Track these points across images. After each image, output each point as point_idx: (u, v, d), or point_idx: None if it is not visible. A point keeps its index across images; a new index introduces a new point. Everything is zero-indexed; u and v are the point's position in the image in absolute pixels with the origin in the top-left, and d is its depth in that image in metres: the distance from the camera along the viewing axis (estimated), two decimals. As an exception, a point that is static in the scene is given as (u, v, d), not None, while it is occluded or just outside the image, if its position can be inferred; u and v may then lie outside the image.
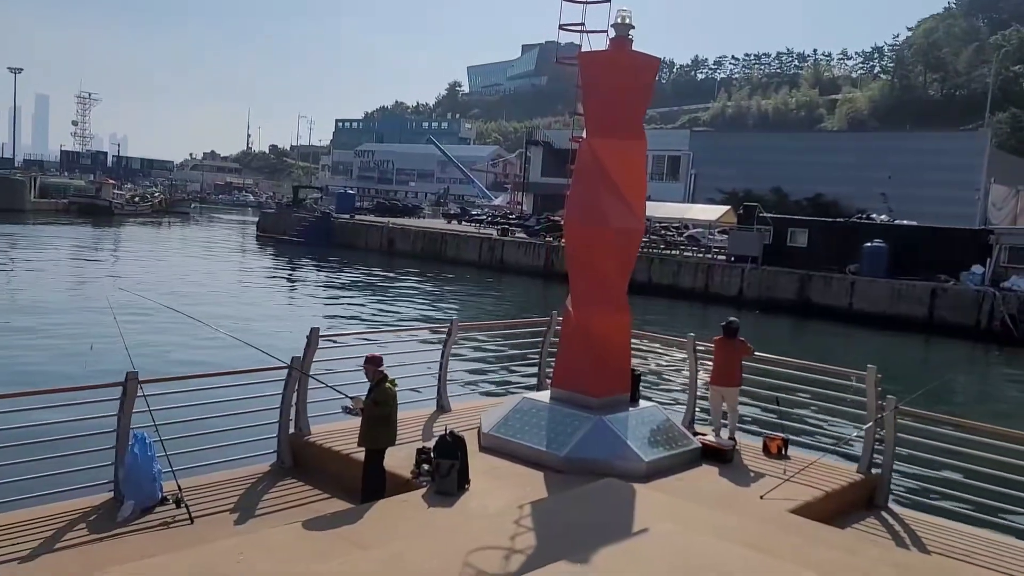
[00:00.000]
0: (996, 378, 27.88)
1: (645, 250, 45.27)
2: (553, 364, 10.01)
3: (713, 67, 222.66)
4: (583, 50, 9.17)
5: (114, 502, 7.26)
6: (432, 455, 7.78)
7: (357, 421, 8.91)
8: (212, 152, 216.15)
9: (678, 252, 45.19)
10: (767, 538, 6.75)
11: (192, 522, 7.09)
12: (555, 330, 11.02)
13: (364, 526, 6.66)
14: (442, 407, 10.54)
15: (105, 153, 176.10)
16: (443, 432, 7.99)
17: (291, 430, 8.82)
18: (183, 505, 7.18)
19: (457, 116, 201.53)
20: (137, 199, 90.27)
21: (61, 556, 6.33)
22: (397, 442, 8.57)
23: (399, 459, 8.31)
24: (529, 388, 11.70)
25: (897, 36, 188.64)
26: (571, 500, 7.36)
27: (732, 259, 40.87)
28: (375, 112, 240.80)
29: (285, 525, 6.85)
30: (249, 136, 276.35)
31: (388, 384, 7.64)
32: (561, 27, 9.37)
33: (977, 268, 34.14)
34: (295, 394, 8.76)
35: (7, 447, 6.97)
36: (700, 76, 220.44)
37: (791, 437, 9.82)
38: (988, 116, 68.55)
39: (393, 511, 7.10)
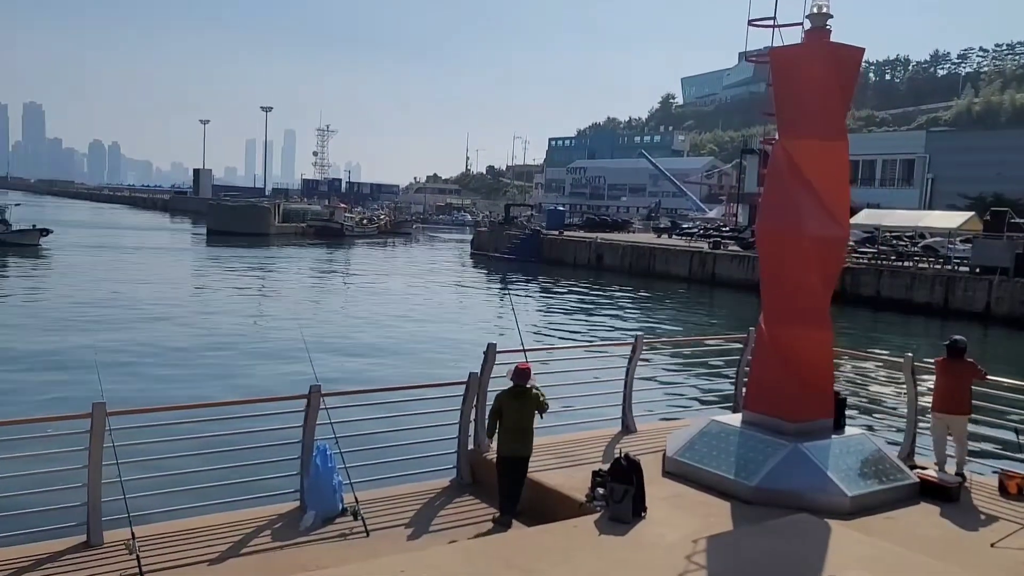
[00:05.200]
0: None
1: (873, 261, 41.91)
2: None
3: (957, 61, 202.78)
4: (774, 45, 8.44)
5: (298, 511, 7.54)
6: (607, 479, 7.40)
7: (536, 439, 8.71)
8: (434, 175, 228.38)
9: (912, 263, 41.30)
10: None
11: (368, 535, 7.19)
12: (752, 347, 10.25)
13: (529, 550, 6.41)
14: (627, 427, 10.12)
15: (340, 180, 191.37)
16: (619, 455, 7.57)
17: (470, 446, 8.80)
18: (359, 518, 7.31)
19: (670, 128, 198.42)
20: (365, 221, 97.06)
21: (245, 561, 6.64)
22: (572, 464, 8.34)
23: (576, 481, 8.03)
24: (724, 410, 10.98)
25: None
26: (756, 535, 6.68)
27: (977, 270, 36.67)
28: (587, 129, 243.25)
29: (451, 544, 6.77)
30: (468, 159, 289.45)
31: (517, 392, 7.71)
32: (750, 23, 8.68)
33: None
34: (473, 410, 8.73)
35: (205, 454, 7.47)
36: (941, 72, 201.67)
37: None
38: None
39: (562, 536, 6.79)
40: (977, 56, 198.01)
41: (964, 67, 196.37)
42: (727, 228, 60.30)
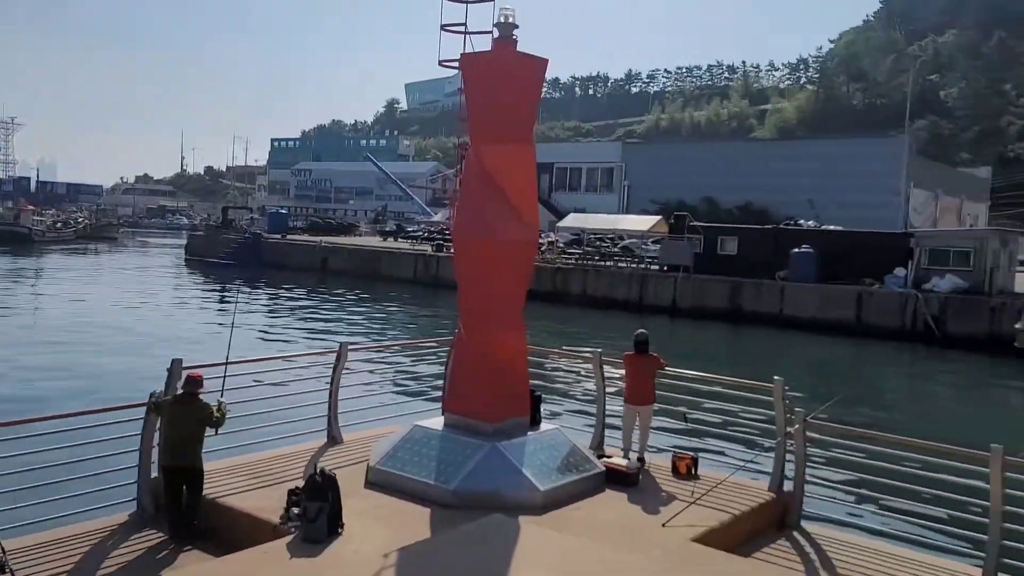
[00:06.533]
0: (920, 379, 28.14)
1: (580, 262, 45.19)
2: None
3: (647, 80, 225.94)
4: (465, 51, 8.58)
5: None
6: (302, 497, 7.04)
7: (225, 461, 8.21)
8: (145, 175, 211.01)
9: (613, 263, 45.09)
10: None
11: (16, 591, 6.20)
12: (457, 350, 10.37)
13: (210, 585, 5.89)
14: (333, 439, 9.78)
15: (27, 179, 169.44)
16: (314, 471, 7.25)
17: (153, 473, 7.97)
18: (8, 570, 6.28)
19: (395, 133, 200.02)
20: (59, 225, 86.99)
21: None
22: (272, 483, 7.93)
23: (273, 501, 7.55)
24: (434, 414, 11.02)
25: (820, 48, 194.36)
26: (451, 541, 6.69)
27: (665, 269, 40.86)
28: (312, 131, 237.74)
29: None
30: (183, 158, 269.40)
31: (183, 398, 7.42)
32: (443, 28, 8.77)
33: (900, 271, 34.66)
34: (157, 433, 7.92)
35: None
36: (634, 89, 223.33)
37: (701, 456, 9.32)
38: (907, 123, 70.53)
39: (249, 564, 6.32)
40: (663, 77, 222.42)
41: (653, 86, 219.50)
42: (449, 231, 61.88)
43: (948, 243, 35.46)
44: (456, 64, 8.68)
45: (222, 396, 7.68)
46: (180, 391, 7.54)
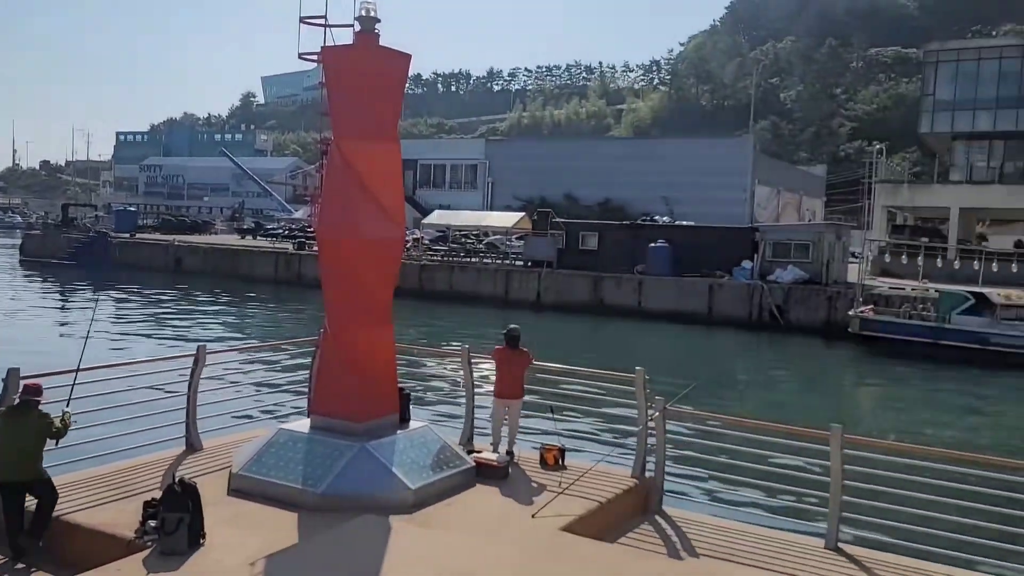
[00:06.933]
0: (767, 364, 29.96)
1: (445, 258, 45.24)
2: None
3: (508, 79, 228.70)
4: (326, 45, 8.41)
5: None
6: (159, 508, 6.70)
7: (74, 474, 7.72)
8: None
9: (478, 259, 45.40)
10: (533, 566, 6.32)
11: None
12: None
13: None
14: (192, 446, 9.35)
15: None
16: (172, 481, 6.92)
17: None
18: None
19: (252, 128, 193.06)
20: None
21: None
22: (126, 495, 7.53)
23: (127, 515, 7.15)
24: (300, 416, 10.75)
25: (672, 51, 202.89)
26: (320, 545, 6.56)
27: (529, 264, 41.55)
28: (162, 124, 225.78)
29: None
30: (15, 152, 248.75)
31: (16, 410, 6.93)
32: (302, 20, 8.56)
33: (747, 263, 36.78)
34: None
35: None
36: (496, 87, 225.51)
37: (568, 446, 9.55)
38: (752, 124, 74.79)
39: (101, 584, 5.97)
40: (524, 75, 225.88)
41: (514, 84, 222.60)
42: (312, 229, 60.41)
43: (789, 237, 37.91)
44: (317, 58, 8.49)
45: (68, 406, 7.19)
46: (16, 401, 7.01)
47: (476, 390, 10.20)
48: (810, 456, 7.97)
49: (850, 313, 30.75)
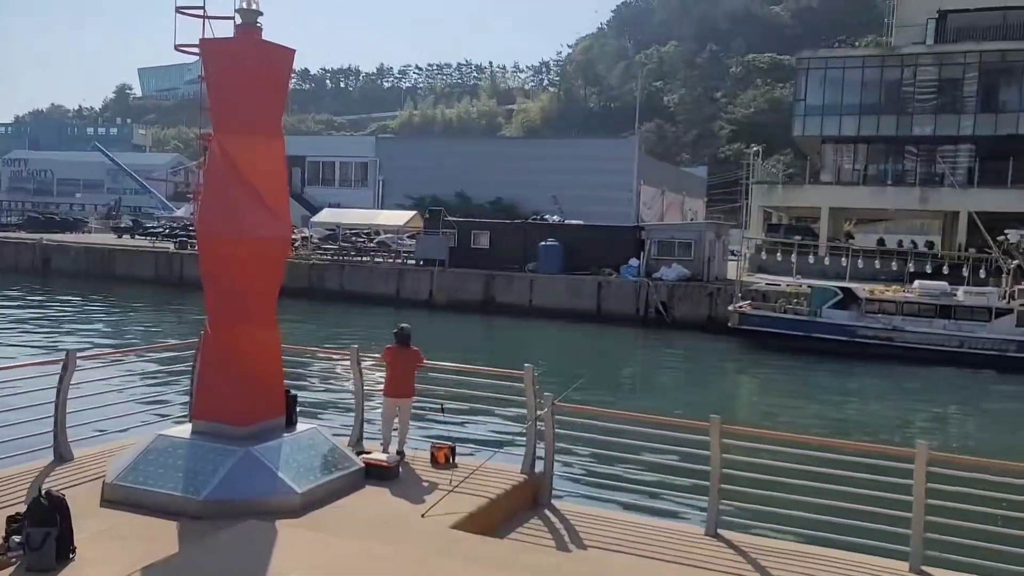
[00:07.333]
0: (653, 359, 30.90)
1: (335, 258, 44.43)
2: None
3: (399, 76, 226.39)
4: (205, 37, 8.11)
5: None
6: (24, 523, 6.31)
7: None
8: None
9: (370, 258, 44.83)
10: (423, 565, 6.30)
11: None
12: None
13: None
14: (61, 456, 8.85)
15: None
16: (39, 494, 6.53)
17: None
18: None
19: (129, 121, 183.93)
20: None
21: None
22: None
23: (-12, 532, 6.70)
24: (181, 422, 10.34)
25: (560, 52, 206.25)
26: (201, 553, 6.34)
27: (421, 263, 41.35)
28: (27, 116, 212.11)
29: None
30: None
31: None
32: (178, 10, 8.23)
33: (633, 261, 37.79)
34: None
35: None
36: (387, 85, 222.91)
37: (459, 444, 9.59)
38: (637, 126, 76.83)
39: (-40, 606, 5.59)
40: (414, 73, 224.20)
41: (405, 82, 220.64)
42: (194, 227, 58.19)
43: (673, 236, 39.18)
44: (195, 50, 8.19)
45: None
46: None
47: (366, 390, 10.08)
48: (692, 447, 8.27)
49: (730, 308, 32.08)
